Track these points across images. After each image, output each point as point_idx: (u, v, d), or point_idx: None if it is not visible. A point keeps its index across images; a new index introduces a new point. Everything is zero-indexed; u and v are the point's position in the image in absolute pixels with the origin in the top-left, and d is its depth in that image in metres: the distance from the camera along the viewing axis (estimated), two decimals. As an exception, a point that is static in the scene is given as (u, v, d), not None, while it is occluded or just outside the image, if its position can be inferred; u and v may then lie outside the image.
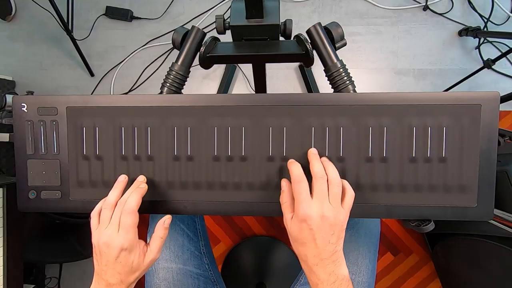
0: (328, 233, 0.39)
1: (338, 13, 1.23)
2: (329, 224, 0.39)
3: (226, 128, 0.46)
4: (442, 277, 1.11)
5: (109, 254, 0.40)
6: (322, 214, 0.38)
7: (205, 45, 0.54)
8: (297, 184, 0.40)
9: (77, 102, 0.47)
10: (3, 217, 0.77)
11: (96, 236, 0.42)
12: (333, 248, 0.39)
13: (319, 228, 0.38)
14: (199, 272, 0.62)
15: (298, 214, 0.39)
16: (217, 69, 1.26)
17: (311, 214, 0.38)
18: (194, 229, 0.65)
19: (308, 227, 0.39)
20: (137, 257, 0.42)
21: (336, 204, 0.40)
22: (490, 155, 0.44)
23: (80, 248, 1.18)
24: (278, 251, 1.20)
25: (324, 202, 0.39)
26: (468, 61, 1.20)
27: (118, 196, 0.44)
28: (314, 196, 0.39)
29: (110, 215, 0.42)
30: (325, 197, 0.39)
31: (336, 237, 0.39)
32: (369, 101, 0.44)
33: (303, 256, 0.41)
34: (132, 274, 0.42)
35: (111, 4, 1.27)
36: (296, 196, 0.40)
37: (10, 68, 1.32)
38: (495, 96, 0.43)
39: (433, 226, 0.45)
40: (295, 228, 0.40)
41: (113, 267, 0.41)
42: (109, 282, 0.41)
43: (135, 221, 0.42)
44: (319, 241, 0.39)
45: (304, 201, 0.39)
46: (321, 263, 0.39)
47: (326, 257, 0.39)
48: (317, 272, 0.40)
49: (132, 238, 0.41)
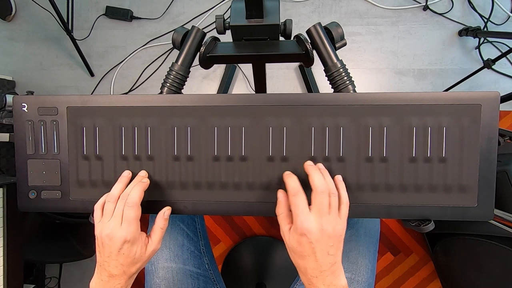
0: (327, 245, 0.39)
1: (338, 13, 1.23)
2: (328, 236, 0.39)
3: (226, 128, 0.46)
4: (442, 277, 1.11)
5: (112, 246, 0.41)
6: (321, 227, 0.38)
7: (205, 45, 0.54)
8: (293, 197, 0.40)
9: (77, 102, 0.47)
10: (3, 217, 0.77)
11: (99, 228, 0.42)
12: (332, 259, 0.39)
13: (318, 241, 0.38)
14: (199, 271, 0.62)
15: (297, 227, 0.39)
16: (217, 69, 1.26)
17: (310, 228, 0.38)
18: (194, 228, 0.65)
19: (308, 240, 0.38)
20: (139, 248, 0.43)
21: (334, 215, 0.40)
22: (490, 155, 0.44)
23: (80, 248, 1.18)
24: (278, 251, 1.20)
25: (323, 216, 0.39)
26: (468, 61, 1.20)
27: (122, 190, 0.44)
28: (314, 209, 0.39)
29: (113, 208, 0.42)
30: (325, 211, 0.39)
31: (335, 249, 0.39)
32: (369, 101, 0.44)
33: (302, 269, 0.41)
34: (134, 265, 0.43)
35: (111, 4, 1.27)
36: (294, 209, 0.40)
37: (10, 68, 1.32)
38: (495, 96, 0.43)
39: (433, 226, 0.45)
40: (293, 241, 0.40)
41: (116, 259, 0.41)
42: (112, 273, 0.42)
43: (138, 214, 0.42)
44: (318, 254, 0.39)
45: (302, 214, 0.39)
46: (320, 275, 0.39)
47: (325, 269, 0.39)
48: (316, 284, 0.40)
49: (135, 230, 0.42)
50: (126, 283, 0.43)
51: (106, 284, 0.43)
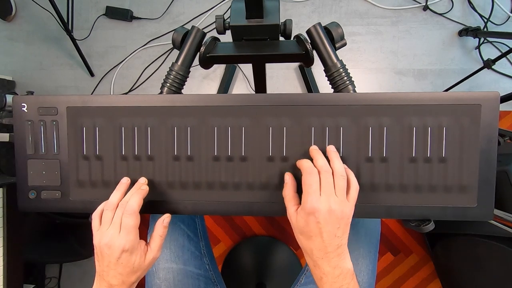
0: (334, 227, 0.39)
1: (338, 13, 1.23)
2: (335, 218, 0.39)
3: (226, 128, 0.46)
4: (442, 277, 1.11)
5: (111, 255, 0.41)
6: (329, 207, 0.38)
7: (205, 45, 0.54)
8: (308, 175, 0.40)
9: (77, 102, 0.47)
10: (3, 217, 0.77)
11: (97, 237, 0.42)
12: (339, 241, 0.39)
13: (326, 222, 0.39)
14: (200, 272, 0.62)
15: (306, 206, 0.39)
16: (217, 69, 1.26)
17: (319, 207, 0.38)
18: (194, 229, 0.65)
19: (316, 220, 0.39)
20: (138, 257, 0.42)
21: (342, 198, 0.40)
22: (490, 155, 0.44)
23: (80, 248, 1.18)
24: (278, 251, 1.20)
25: (331, 196, 0.39)
26: (468, 61, 1.20)
27: (120, 198, 0.44)
28: (322, 190, 0.39)
29: (111, 216, 0.42)
30: (332, 190, 0.40)
31: (341, 231, 0.40)
32: (369, 101, 0.44)
33: (308, 250, 0.41)
34: (134, 274, 0.42)
35: (111, 4, 1.27)
36: (306, 187, 0.40)
37: (10, 68, 1.32)
38: (495, 96, 0.43)
39: (433, 226, 0.45)
40: (301, 221, 0.40)
41: (115, 268, 0.41)
42: (111, 283, 0.41)
43: (137, 222, 0.42)
44: (325, 235, 0.39)
45: (314, 193, 0.39)
46: (326, 257, 0.39)
47: (331, 250, 0.39)
48: (322, 265, 0.40)
49: (133, 239, 0.41)
50: None
51: None
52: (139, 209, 0.42)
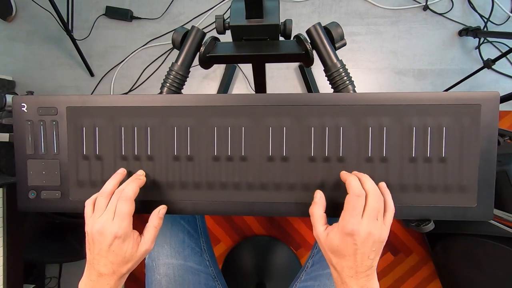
0: (370, 249, 0.39)
1: (338, 13, 1.23)
2: (373, 241, 0.39)
3: (226, 128, 0.46)
4: (442, 277, 1.11)
5: (102, 242, 0.40)
6: (369, 231, 0.38)
7: (205, 45, 0.54)
8: (355, 198, 0.39)
9: (77, 102, 0.47)
10: (3, 217, 0.77)
11: (89, 224, 0.41)
12: (370, 263, 0.39)
13: (363, 245, 0.38)
14: (200, 268, 0.63)
15: (346, 227, 0.39)
16: (217, 69, 1.26)
17: (359, 231, 0.38)
18: (194, 225, 0.66)
19: (353, 241, 0.38)
20: (130, 246, 0.41)
21: (381, 221, 0.40)
22: (490, 155, 0.44)
23: (80, 248, 1.18)
24: (278, 251, 1.20)
25: (373, 220, 0.39)
26: (468, 61, 1.20)
27: (115, 186, 0.43)
28: (366, 213, 0.39)
29: (105, 203, 0.41)
30: (375, 215, 0.39)
31: (375, 253, 0.40)
32: (369, 101, 0.44)
33: (339, 267, 0.40)
34: (125, 264, 0.41)
35: (111, 4, 1.27)
36: (350, 209, 0.39)
37: (10, 68, 1.32)
38: (495, 96, 0.43)
39: (433, 226, 0.45)
40: (335, 240, 0.40)
41: (106, 256, 0.40)
42: (101, 271, 0.40)
43: (131, 210, 0.41)
44: (359, 256, 0.39)
45: (357, 216, 0.39)
46: (355, 276, 0.39)
47: (361, 271, 0.39)
48: (350, 283, 0.40)
49: (127, 226, 0.40)
50: (115, 284, 0.41)
51: (95, 285, 0.41)
52: (135, 196, 0.42)
